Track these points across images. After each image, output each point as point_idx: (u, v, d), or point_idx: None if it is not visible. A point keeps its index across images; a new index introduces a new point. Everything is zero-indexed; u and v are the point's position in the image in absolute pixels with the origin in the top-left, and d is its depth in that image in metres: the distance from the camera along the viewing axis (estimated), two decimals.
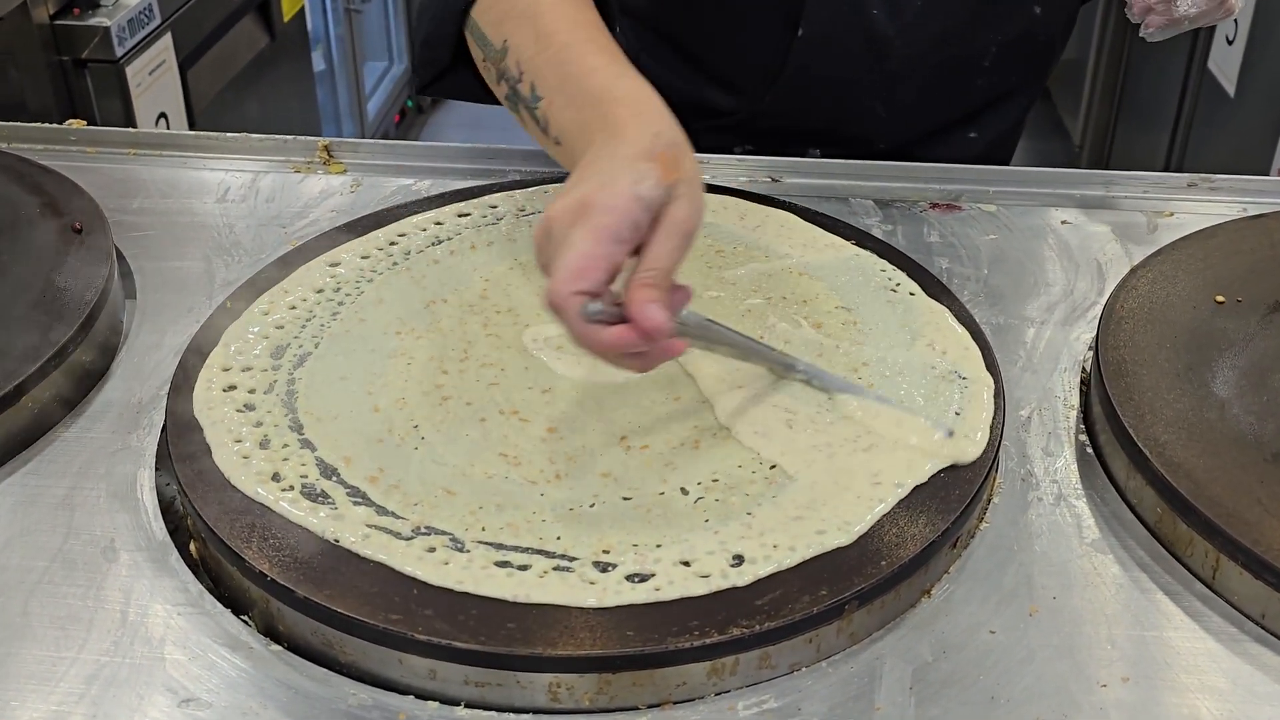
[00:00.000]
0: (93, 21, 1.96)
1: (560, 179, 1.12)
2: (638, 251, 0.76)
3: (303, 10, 2.76)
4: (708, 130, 1.27)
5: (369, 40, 3.71)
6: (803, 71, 1.19)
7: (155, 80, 2.09)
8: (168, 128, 2.14)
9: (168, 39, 2.12)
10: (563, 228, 0.75)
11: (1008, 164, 1.34)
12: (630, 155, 0.78)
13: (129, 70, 2.01)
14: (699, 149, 1.27)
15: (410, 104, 4.01)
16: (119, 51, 1.98)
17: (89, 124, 1.26)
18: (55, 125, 1.24)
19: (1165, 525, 0.81)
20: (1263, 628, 0.76)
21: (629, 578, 0.73)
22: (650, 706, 0.71)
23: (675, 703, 0.71)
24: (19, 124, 1.24)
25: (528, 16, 0.95)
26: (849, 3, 1.15)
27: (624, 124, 0.82)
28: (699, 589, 0.73)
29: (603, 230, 0.73)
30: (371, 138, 3.58)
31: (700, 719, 0.71)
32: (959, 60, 1.21)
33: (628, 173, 0.76)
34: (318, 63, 3.14)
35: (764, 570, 0.74)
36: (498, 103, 1.04)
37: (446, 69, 1.07)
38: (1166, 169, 2.94)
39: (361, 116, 3.51)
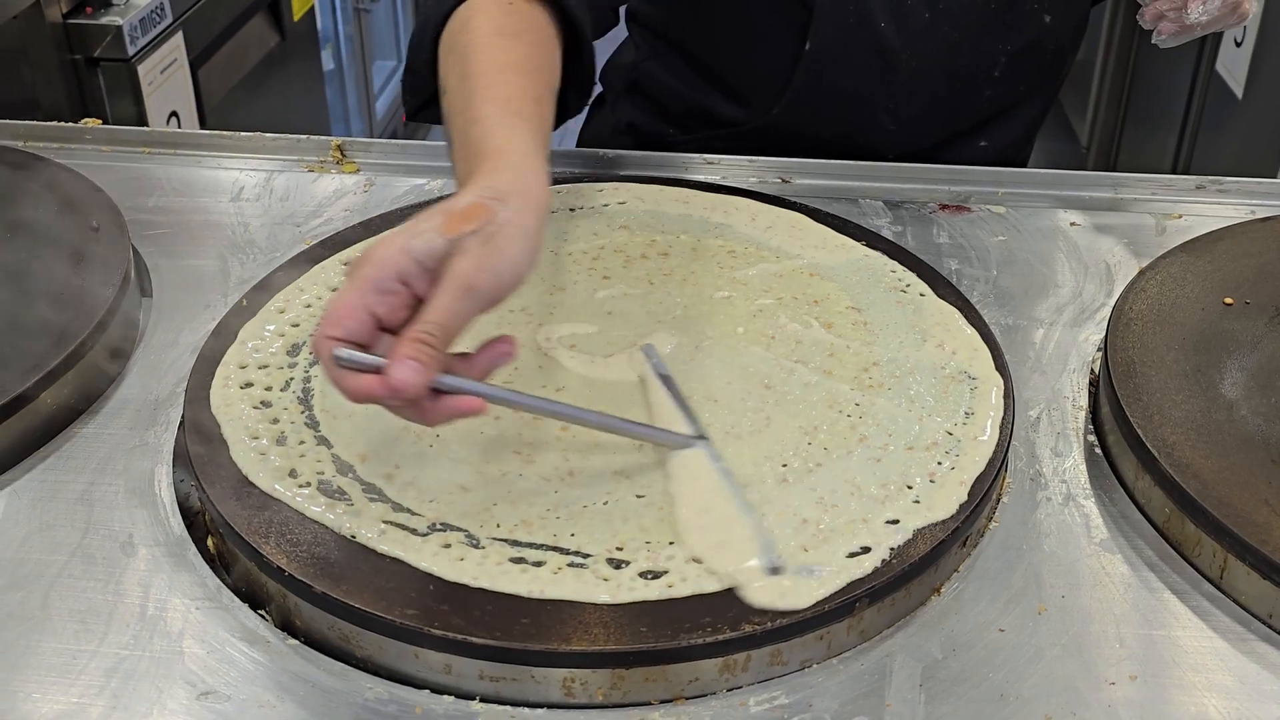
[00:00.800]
0: (105, 20, 1.96)
1: (566, 178, 1.13)
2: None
3: (312, 9, 2.77)
4: (716, 139, 1.27)
5: (378, 39, 3.72)
6: (811, 83, 1.20)
7: (167, 79, 2.10)
8: (179, 126, 2.15)
9: (179, 38, 2.13)
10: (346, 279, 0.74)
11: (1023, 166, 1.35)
12: (434, 209, 0.74)
13: (141, 69, 2.02)
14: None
15: None
16: (131, 50, 1.99)
17: (102, 123, 1.27)
18: (71, 124, 1.25)
19: (1173, 525, 0.82)
20: (1270, 627, 0.76)
21: (642, 574, 0.74)
22: (663, 702, 0.72)
23: (687, 698, 0.72)
24: (35, 123, 1.25)
25: (459, 54, 0.92)
26: (857, 15, 1.16)
27: (474, 178, 0.78)
28: (711, 586, 0.73)
29: (363, 281, 0.71)
30: (380, 136, 3.59)
31: (712, 715, 0.71)
32: (968, 71, 1.21)
33: (412, 225, 0.74)
34: (327, 62, 3.14)
35: None
36: None
37: (431, 97, 1.01)
38: (1174, 170, 2.94)
39: (370, 115, 3.52)
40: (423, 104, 1.03)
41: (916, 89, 1.20)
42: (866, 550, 0.76)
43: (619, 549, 0.76)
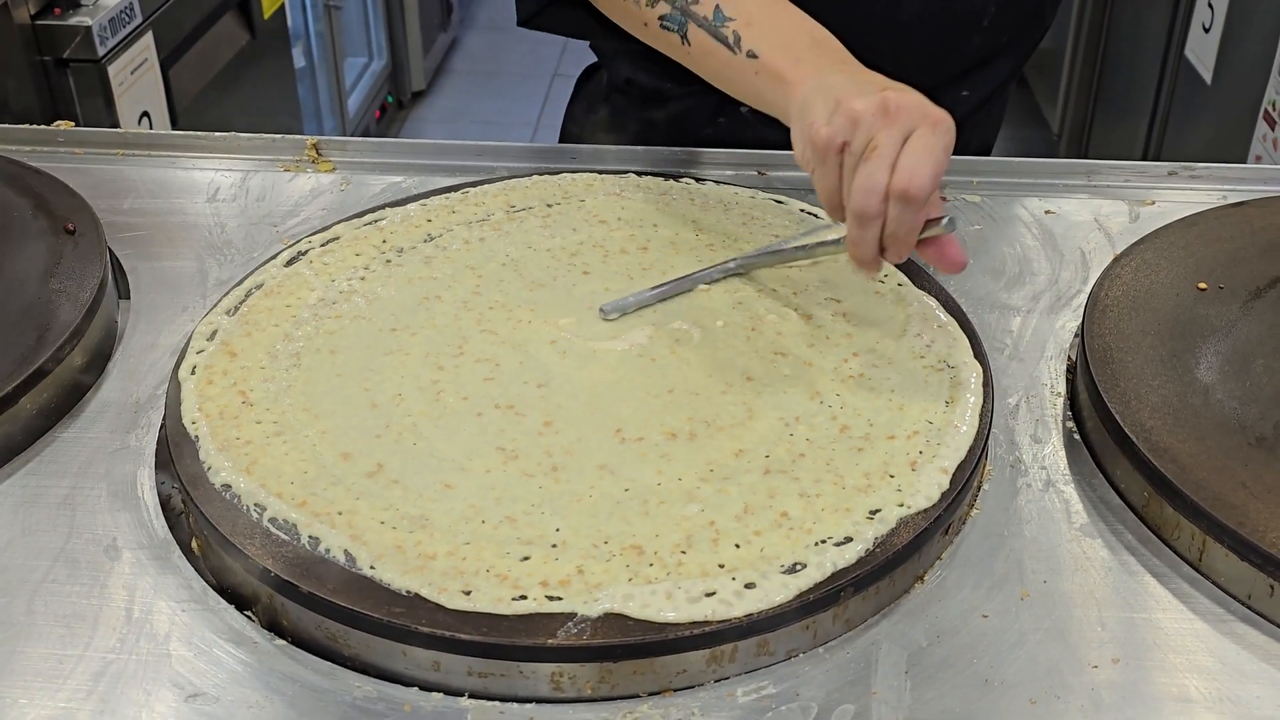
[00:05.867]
0: (74, 21, 1.95)
1: (542, 172, 1.13)
2: None
3: (283, 7, 2.75)
4: (713, 90, 1.28)
5: (349, 36, 3.71)
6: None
7: (137, 79, 2.09)
8: (150, 127, 2.14)
9: (149, 38, 2.12)
10: (874, 120, 0.83)
11: (995, 135, 1.36)
12: (888, 82, 0.88)
13: (111, 69, 2.01)
14: (705, 108, 1.28)
15: (391, 99, 4.01)
16: (101, 51, 1.97)
17: (74, 125, 1.26)
18: (42, 126, 1.25)
19: (1152, 509, 0.82)
20: (1249, 608, 0.77)
21: (627, 567, 0.74)
22: (651, 694, 0.73)
23: (675, 690, 0.73)
24: (6, 126, 1.24)
25: None
26: None
27: (844, 59, 0.95)
28: (695, 577, 0.74)
29: (947, 143, 0.83)
30: (353, 133, 3.58)
31: (700, 705, 0.72)
32: (961, 15, 1.22)
33: (903, 87, 0.87)
34: (298, 59, 3.13)
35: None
36: (596, 38, 1.11)
37: (550, 2, 1.12)
38: (1145, 156, 2.96)
39: (343, 112, 3.50)
40: (539, 8, 1.14)
41: (918, 29, 1.21)
42: (849, 540, 0.76)
43: (605, 542, 0.76)
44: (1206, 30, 2.58)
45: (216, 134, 1.24)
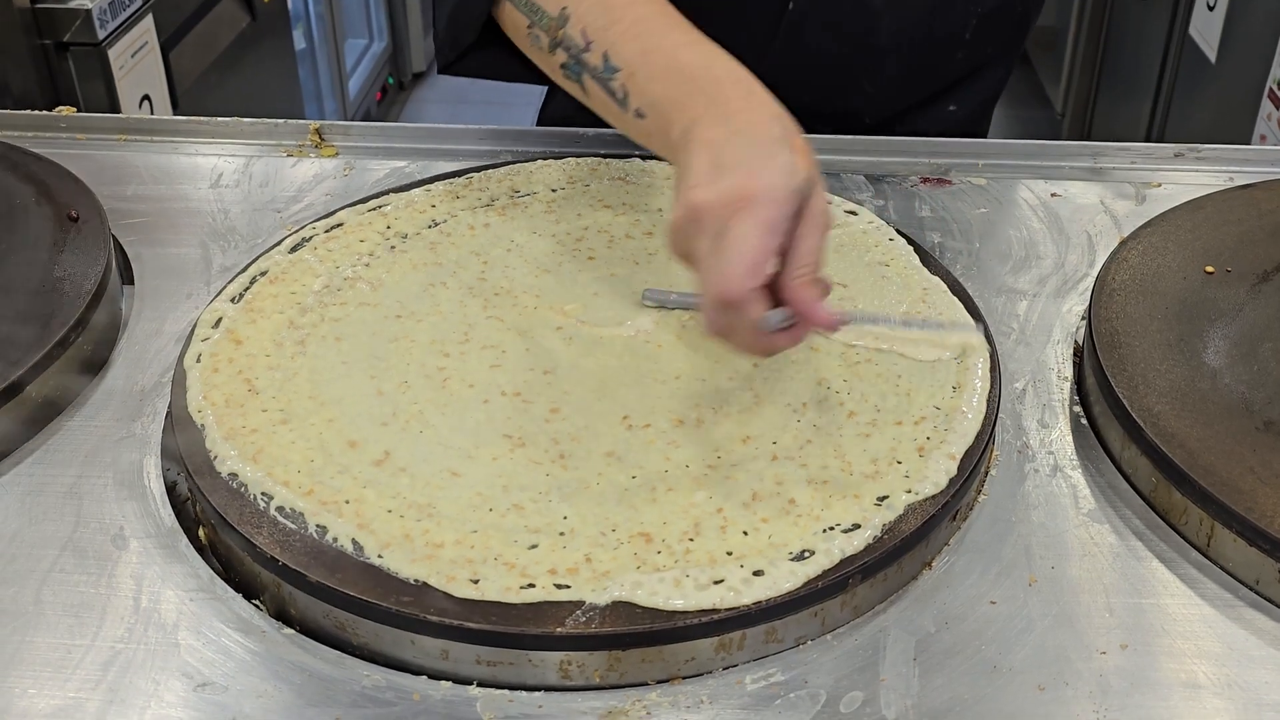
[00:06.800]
0: (74, 4, 1.94)
1: (546, 156, 1.13)
2: None
3: None
4: None
5: (349, 18, 3.70)
6: (792, 46, 1.20)
7: (138, 62, 2.08)
8: (151, 110, 2.13)
9: (149, 21, 2.11)
10: (718, 219, 0.74)
11: (985, 133, 1.35)
12: (767, 141, 0.76)
13: (111, 53, 2.00)
14: None
15: (391, 81, 4.00)
16: (101, 34, 1.97)
17: (75, 109, 1.26)
18: (44, 112, 1.24)
19: (1160, 494, 0.82)
20: (1257, 593, 0.77)
21: (635, 555, 0.74)
22: (659, 682, 0.73)
23: (684, 678, 0.73)
24: (7, 112, 1.24)
25: None
26: None
27: (735, 103, 0.80)
28: (704, 566, 0.74)
29: (768, 224, 0.72)
30: (353, 115, 3.57)
31: (709, 694, 0.72)
32: (942, 33, 1.21)
33: (777, 162, 0.75)
34: (298, 41, 3.12)
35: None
36: (523, 80, 1.04)
37: (470, 47, 1.06)
38: (1149, 135, 2.95)
39: (343, 94, 3.50)
40: (461, 54, 1.05)
41: (895, 51, 1.20)
42: (858, 526, 0.76)
43: (612, 530, 0.76)
44: (1211, 8, 2.57)
45: (219, 119, 1.23)
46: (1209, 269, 0.97)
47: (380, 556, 0.74)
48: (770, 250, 0.73)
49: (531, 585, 0.73)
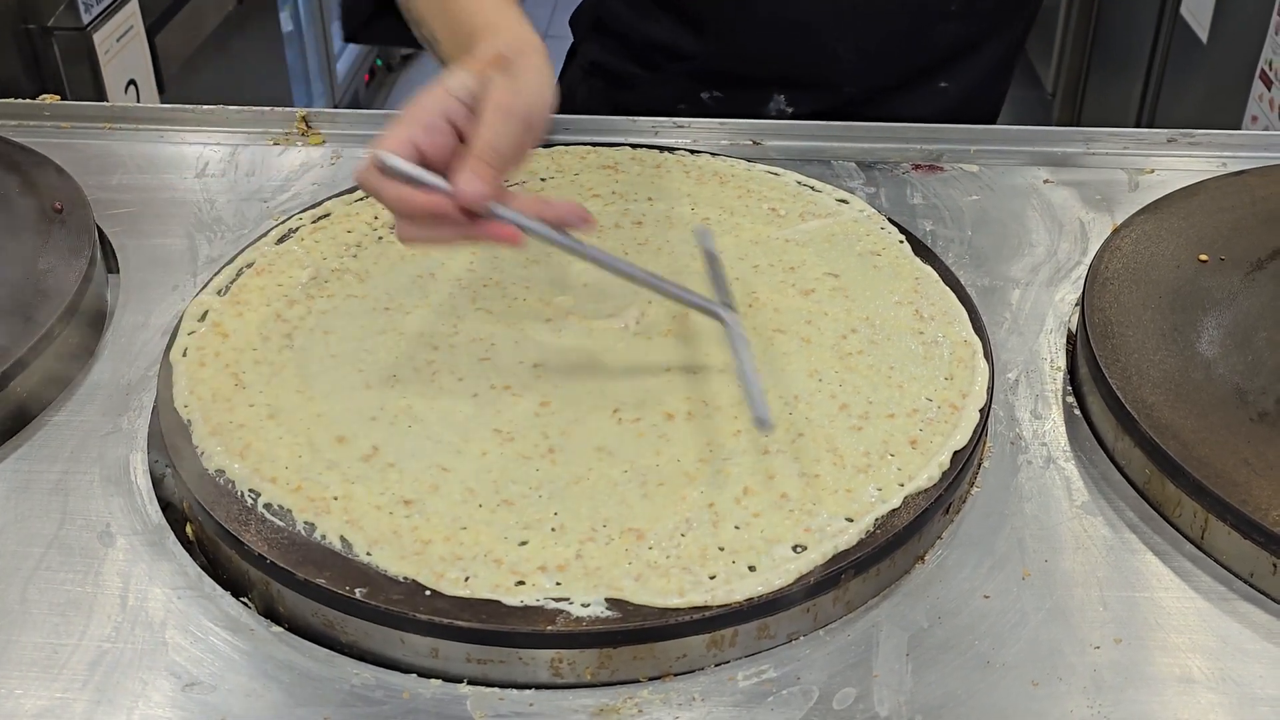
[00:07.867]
0: None
1: (547, 145, 1.12)
2: None
3: None
4: (675, 76, 1.26)
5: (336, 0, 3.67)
6: (768, 10, 1.19)
7: (123, 47, 2.06)
8: (137, 95, 2.11)
9: (134, 4, 2.09)
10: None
11: (995, 119, 1.34)
12: (457, 67, 0.82)
13: (96, 37, 1.98)
14: (666, 96, 1.27)
15: (380, 63, 3.97)
16: (86, 18, 1.95)
17: (59, 95, 1.25)
18: (28, 100, 1.23)
19: (1154, 486, 0.82)
20: (1251, 586, 0.77)
21: (626, 551, 0.74)
22: (651, 679, 0.72)
23: (676, 674, 0.72)
24: None
25: None
26: None
27: (475, 48, 0.86)
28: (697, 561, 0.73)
29: (410, 118, 0.78)
30: (341, 98, 3.54)
31: (701, 690, 0.71)
32: (923, 2, 1.20)
33: (443, 78, 0.81)
34: (285, 24, 3.09)
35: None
36: (422, 48, 1.06)
37: (371, 16, 1.10)
38: (1140, 115, 2.94)
39: (331, 77, 3.47)
40: (363, 22, 1.08)
41: (872, 19, 1.19)
42: (850, 521, 0.76)
43: (603, 525, 0.76)
44: None
45: (205, 107, 1.22)
46: (1203, 257, 0.97)
47: (369, 554, 0.74)
48: (401, 138, 0.77)
49: (522, 582, 0.72)
